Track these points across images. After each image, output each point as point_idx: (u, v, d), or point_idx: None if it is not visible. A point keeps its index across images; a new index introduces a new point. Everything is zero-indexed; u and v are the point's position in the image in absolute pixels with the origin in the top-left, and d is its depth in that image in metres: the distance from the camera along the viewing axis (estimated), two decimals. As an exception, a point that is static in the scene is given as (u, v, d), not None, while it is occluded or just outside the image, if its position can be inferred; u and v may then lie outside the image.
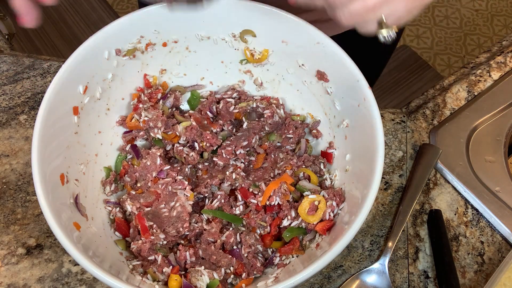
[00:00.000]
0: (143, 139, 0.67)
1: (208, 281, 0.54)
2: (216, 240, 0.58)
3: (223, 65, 0.69)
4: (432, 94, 0.78)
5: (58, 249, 0.63)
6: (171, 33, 0.65)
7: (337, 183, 0.62)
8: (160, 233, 0.57)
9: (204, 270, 0.55)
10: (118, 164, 0.65)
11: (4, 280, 0.60)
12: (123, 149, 0.66)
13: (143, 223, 0.56)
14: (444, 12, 2.21)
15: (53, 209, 0.50)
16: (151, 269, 0.55)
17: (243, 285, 0.55)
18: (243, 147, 0.65)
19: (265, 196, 0.59)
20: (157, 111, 0.64)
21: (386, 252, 0.62)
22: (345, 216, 0.56)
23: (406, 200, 0.66)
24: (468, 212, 0.67)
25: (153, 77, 0.68)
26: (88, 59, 0.60)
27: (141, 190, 0.62)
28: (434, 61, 2.07)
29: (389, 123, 0.74)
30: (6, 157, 0.70)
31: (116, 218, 0.60)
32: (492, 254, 0.64)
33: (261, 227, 0.59)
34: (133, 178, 0.63)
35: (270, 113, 0.67)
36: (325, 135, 0.66)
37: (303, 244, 0.59)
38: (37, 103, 0.74)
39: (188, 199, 0.59)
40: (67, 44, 2.11)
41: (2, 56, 0.80)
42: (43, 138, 0.53)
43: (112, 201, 0.62)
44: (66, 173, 0.56)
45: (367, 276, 0.61)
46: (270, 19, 0.62)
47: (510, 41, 0.86)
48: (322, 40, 0.60)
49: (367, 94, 0.56)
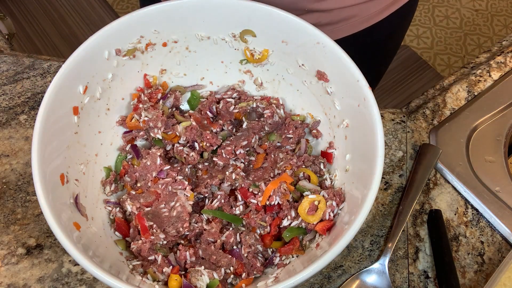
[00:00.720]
0: (143, 139, 0.67)
1: (208, 281, 0.54)
2: (216, 240, 0.58)
3: (223, 65, 0.69)
4: (432, 94, 0.78)
5: (58, 249, 0.63)
6: (171, 33, 0.65)
7: (337, 183, 0.62)
8: (160, 233, 0.57)
9: (204, 270, 0.55)
10: (118, 164, 0.65)
11: (4, 280, 0.60)
12: (123, 149, 0.66)
13: (143, 223, 0.56)
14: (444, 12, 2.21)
15: (53, 209, 0.50)
16: (151, 269, 0.55)
17: (243, 285, 0.55)
18: (243, 147, 0.65)
19: (265, 196, 0.59)
20: (157, 111, 0.64)
21: (386, 252, 0.62)
22: (345, 216, 0.56)
23: (406, 200, 0.66)
24: (468, 212, 0.67)
25: (153, 77, 0.68)
26: (88, 59, 0.60)
27: (141, 190, 0.62)
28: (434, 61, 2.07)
29: (389, 123, 0.74)
30: (6, 157, 0.70)
31: (116, 218, 0.60)
32: (492, 254, 0.64)
33: (261, 227, 0.59)
34: (133, 178, 0.63)
35: (270, 113, 0.67)
36: (325, 135, 0.66)
37: (303, 244, 0.59)
38: (37, 103, 0.74)
39: (188, 199, 0.59)
40: (67, 44, 2.11)
41: (2, 56, 0.80)
42: (43, 138, 0.53)
43: (112, 201, 0.62)
44: (66, 173, 0.56)
45: (367, 276, 0.61)
46: (270, 19, 0.62)
47: (510, 41, 0.86)
48: (322, 40, 0.60)
49: (367, 94, 0.56)
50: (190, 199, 0.60)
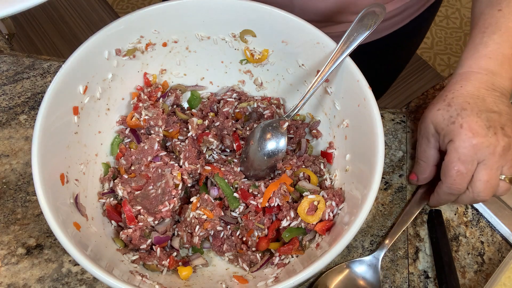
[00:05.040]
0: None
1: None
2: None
3: (223, 65, 0.69)
4: (432, 94, 0.78)
5: (58, 249, 0.63)
6: (171, 33, 0.65)
7: (337, 183, 0.62)
8: (148, 216, 0.57)
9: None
10: (114, 147, 0.65)
11: (4, 280, 0.60)
12: (122, 132, 0.66)
13: (128, 212, 0.57)
14: (444, 12, 2.21)
15: (53, 209, 0.50)
16: (153, 264, 0.56)
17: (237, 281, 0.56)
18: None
19: (265, 198, 0.59)
20: (157, 110, 0.64)
21: (382, 247, 0.62)
22: (345, 216, 0.55)
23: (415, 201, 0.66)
24: (468, 212, 0.67)
25: (152, 76, 0.68)
26: (88, 59, 0.60)
27: (134, 174, 0.62)
28: (434, 61, 2.07)
29: (389, 123, 0.74)
30: (6, 157, 0.70)
31: (107, 206, 0.60)
32: (492, 254, 0.64)
33: (258, 230, 0.59)
34: (128, 161, 0.63)
35: (270, 113, 0.67)
36: (325, 135, 0.66)
37: (302, 244, 0.59)
38: (37, 103, 0.74)
39: (175, 178, 0.60)
40: (67, 44, 2.11)
41: (2, 56, 0.80)
42: (43, 138, 0.53)
43: (107, 191, 0.62)
44: (66, 173, 0.56)
45: (358, 266, 0.61)
46: (270, 19, 0.62)
47: (510, 41, 0.86)
48: (322, 40, 0.60)
49: (367, 94, 0.56)
50: (176, 178, 0.60)
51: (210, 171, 0.62)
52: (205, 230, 0.59)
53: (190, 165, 0.61)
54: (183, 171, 0.61)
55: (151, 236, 0.58)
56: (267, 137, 0.62)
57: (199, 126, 0.65)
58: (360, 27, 0.59)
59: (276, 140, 0.62)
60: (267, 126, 0.62)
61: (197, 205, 0.59)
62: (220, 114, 0.68)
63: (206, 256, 0.61)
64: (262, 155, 0.62)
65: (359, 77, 0.57)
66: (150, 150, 0.62)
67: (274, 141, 0.62)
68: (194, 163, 0.62)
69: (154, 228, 0.58)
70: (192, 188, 0.64)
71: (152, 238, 0.58)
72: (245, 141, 0.65)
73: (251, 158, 0.63)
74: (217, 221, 0.59)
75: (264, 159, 0.62)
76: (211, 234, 0.61)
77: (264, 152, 0.62)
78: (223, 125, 0.66)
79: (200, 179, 0.63)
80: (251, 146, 0.62)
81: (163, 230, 0.58)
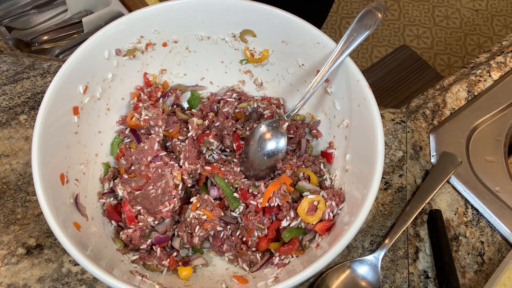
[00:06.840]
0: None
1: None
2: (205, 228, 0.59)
3: (223, 65, 0.69)
4: (432, 94, 0.78)
5: (58, 249, 0.63)
6: (171, 33, 0.65)
7: (337, 183, 0.62)
8: (148, 216, 0.57)
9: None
10: (114, 147, 0.65)
11: (4, 280, 0.60)
12: (122, 132, 0.66)
13: (128, 212, 0.57)
14: (444, 12, 2.21)
15: (53, 209, 0.50)
16: (153, 264, 0.56)
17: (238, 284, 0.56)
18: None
19: (265, 198, 0.59)
20: (157, 110, 0.64)
21: (382, 247, 0.62)
22: (345, 216, 0.55)
23: (415, 201, 0.66)
24: (468, 212, 0.67)
25: (152, 76, 0.68)
26: (88, 59, 0.60)
27: (134, 174, 0.62)
28: (434, 61, 2.07)
29: (389, 123, 0.74)
30: (6, 157, 0.70)
31: (107, 206, 0.60)
32: (492, 254, 0.64)
33: (258, 230, 0.59)
34: (128, 161, 0.63)
35: (270, 113, 0.67)
36: (325, 135, 0.66)
37: (302, 244, 0.59)
38: (37, 103, 0.74)
39: (175, 178, 0.60)
40: (67, 44, 2.10)
41: (2, 56, 0.80)
42: (43, 138, 0.53)
43: (107, 191, 0.62)
44: (66, 173, 0.56)
45: (359, 266, 0.61)
46: (270, 19, 0.62)
47: (510, 41, 0.86)
48: (322, 40, 0.60)
49: (367, 94, 0.56)
50: (176, 178, 0.60)
51: (210, 171, 0.62)
52: (205, 230, 0.59)
53: (190, 165, 0.61)
54: (183, 171, 0.60)
55: (151, 236, 0.58)
56: (267, 137, 0.62)
57: (199, 126, 0.65)
58: (360, 27, 0.59)
59: (276, 140, 0.62)
60: (267, 126, 0.62)
61: (197, 205, 0.59)
62: (220, 114, 0.68)
63: (206, 256, 0.61)
64: (262, 155, 0.62)
65: (359, 77, 0.57)
66: (150, 150, 0.62)
67: (274, 141, 0.62)
68: (194, 163, 0.62)
69: (154, 228, 0.58)
70: (192, 188, 0.64)
71: (152, 238, 0.58)
72: (245, 141, 0.65)
73: (251, 158, 0.63)
74: (217, 221, 0.59)
75: (264, 159, 0.62)
76: (211, 234, 0.61)
77: (264, 152, 0.62)
78: (223, 125, 0.66)
79: (200, 179, 0.63)
80: (251, 146, 0.62)
81: (163, 230, 0.58)
